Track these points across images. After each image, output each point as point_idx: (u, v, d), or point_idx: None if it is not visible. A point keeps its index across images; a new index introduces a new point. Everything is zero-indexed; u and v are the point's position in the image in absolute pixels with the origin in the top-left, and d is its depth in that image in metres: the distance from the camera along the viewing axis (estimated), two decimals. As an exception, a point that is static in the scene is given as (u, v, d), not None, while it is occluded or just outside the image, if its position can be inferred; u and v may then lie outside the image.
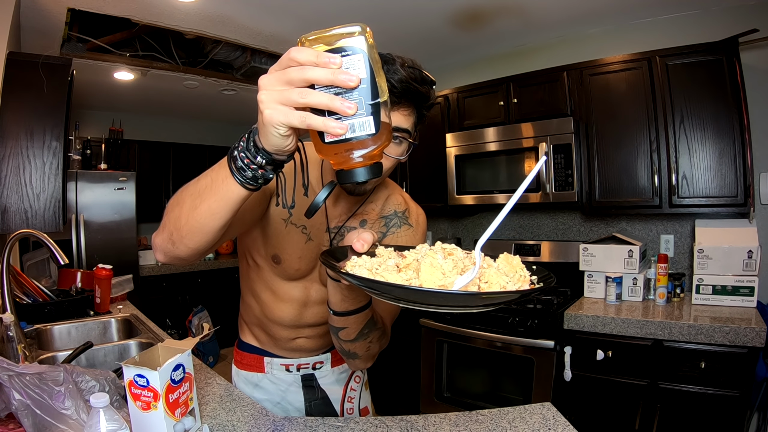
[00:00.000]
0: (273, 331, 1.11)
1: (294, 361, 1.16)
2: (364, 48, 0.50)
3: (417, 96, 0.81)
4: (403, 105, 0.81)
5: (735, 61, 1.98)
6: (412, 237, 1.05)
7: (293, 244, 0.98)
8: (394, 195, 1.07)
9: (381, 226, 1.03)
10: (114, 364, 1.46)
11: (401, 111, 0.81)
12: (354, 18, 1.01)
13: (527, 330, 2.15)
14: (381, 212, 1.03)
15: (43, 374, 0.80)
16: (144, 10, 2.32)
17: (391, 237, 1.03)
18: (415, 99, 0.81)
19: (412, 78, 0.79)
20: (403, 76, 0.78)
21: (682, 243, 2.38)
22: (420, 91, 0.80)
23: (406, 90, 0.79)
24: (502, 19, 2.53)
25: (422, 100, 0.82)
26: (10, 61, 1.99)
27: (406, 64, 0.79)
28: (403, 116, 0.81)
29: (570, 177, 2.33)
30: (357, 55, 0.49)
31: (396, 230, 1.04)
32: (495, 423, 0.95)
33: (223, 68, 3.40)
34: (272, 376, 1.16)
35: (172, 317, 4.09)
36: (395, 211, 1.05)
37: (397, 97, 0.79)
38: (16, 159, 1.99)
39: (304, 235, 0.97)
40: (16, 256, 2.54)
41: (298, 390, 1.16)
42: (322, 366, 1.18)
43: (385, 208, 1.04)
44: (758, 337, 1.68)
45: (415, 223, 1.07)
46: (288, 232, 0.97)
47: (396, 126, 0.81)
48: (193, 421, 0.87)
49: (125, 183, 3.64)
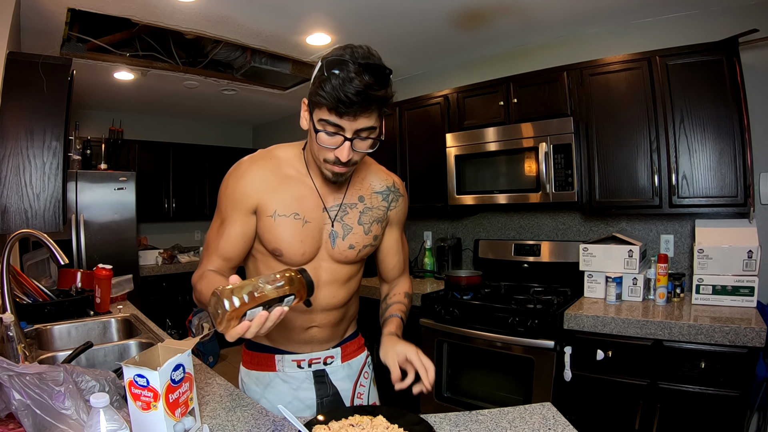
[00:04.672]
0: (286, 321, 1.12)
1: (305, 356, 1.17)
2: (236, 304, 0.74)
3: (375, 100, 0.87)
4: (365, 111, 0.87)
5: (735, 61, 1.98)
6: (405, 205, 1.21)
7: (289, 233, 1.03)
8: (375, 169, 1.18)
9: (380, 201, 1.15)
10: (114, 364, 1.46)
11: (363, 115, 0.88)
12: (354, 17, 1.01)
13: (527, 330, 2.16)
14: (373, 187, 1.15)
15: (43, 374, 0.80)
16: (144, 10, 2.32)
17: (393, 211, 1.18)
18: (373, 102, 0.87)
19: (367, 86, 0.84)
20: (359, 87, 0.84)
21: (682, 243, 2.38)
22: (377, 96, 0.87)
23: (365, 99, 0.85)
24: (502, 19, 2.53)
25: (380, 102, 0.89)
26: (10, 61, 1.98)
27: (359, 67, 0.85)
28: (366, 118, 0.89)
29: (570, 177, 2.33)
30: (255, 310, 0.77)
31: (395, 204, 1.18)
32: (495, 423, 0.95)
33: (223, 68, 3.41)
34: (284, 374, 1.16)
35: (172, 317, 4.09)
36: (386, 186, 1.17)
37: (359, 106, 0.86)
38: (16, 159, 1.99)
39: (298, 221, 1.04)
40: (16, 256, 2.54)
41: (310, 387, 1.17)
42: (333, 361, 1.20)
43: (375, 183, 1.16)
44: (758, 337, 1.68)
45: (403, 191, 1.21)
46: (279, 224, 1.03)
47: (361, 127, 0.90)
48: (193, 421, 0.87)
49: (125, 183, 3.64)
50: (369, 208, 1.12)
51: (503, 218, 3.06)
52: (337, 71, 0.85)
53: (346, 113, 0.86)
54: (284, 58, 3.16)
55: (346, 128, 0.89)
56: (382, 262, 1.24)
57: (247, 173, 1.04)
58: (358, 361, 1.26)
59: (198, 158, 4.64)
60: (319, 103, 0.88)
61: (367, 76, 0.84)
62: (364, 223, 1.10)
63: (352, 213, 1.09)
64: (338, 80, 0.84)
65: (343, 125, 0.88)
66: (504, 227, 3.05)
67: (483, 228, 3.16)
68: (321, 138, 0.91)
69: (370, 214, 1.11)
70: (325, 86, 0.85)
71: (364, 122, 0.89)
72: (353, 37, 2.75)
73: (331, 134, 0.90)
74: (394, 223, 1.19)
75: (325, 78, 0.86)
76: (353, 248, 1.09)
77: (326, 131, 0.90)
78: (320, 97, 0.87)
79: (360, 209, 1.10)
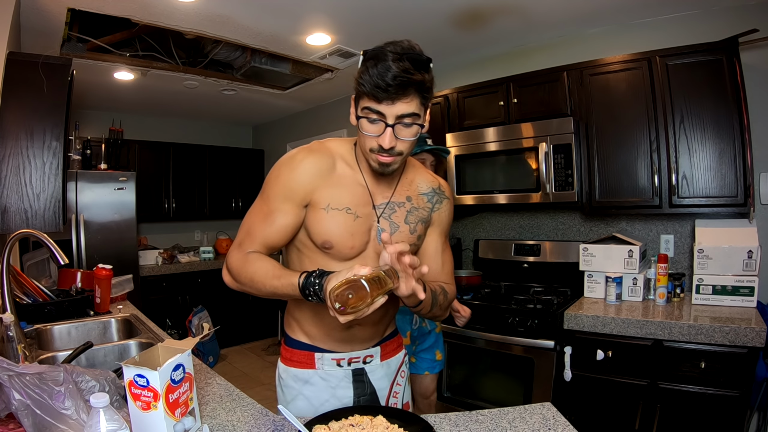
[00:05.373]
0: (328, 319, 1.10)
1: (345, 355, 1.16)
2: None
3: (412, 84, 0.89)
4: (402, 95, 0.90)
5: (735, 61, 1.98)
6: (449, 208, 1.20)
7: (340, 226, 1.04)
8: (421, 171, 1.19)
9: (425, 202, 1.15)
10: (114, 364, 1.46)
11: (403, 100, 0.90)
12: (354, 17, 1.00)
13: (527, 330, 2.16)
14: (419, 189, 1.16)
15: (43, 374, 0.80)
16: (144, 10, 2.32)
17: (437, 213, 1.17)
18: (411, 86, 0.90)
19: (404, 70, 0.87)
20: (395, 71, 0.87)
21: (682, 243, 2.38)
22: (413, 80, 0.89)
23: (402, 83, 0.88)
24: (503, 19, 2.53)
25: (418, 86, 0.91)
26: (10, 61, 1.98)
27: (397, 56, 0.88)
28: (405, 104, 0.91)
29: (570, 177, 2.33)
30: None
31: (439, 206, 1.17)
32: (495, 423, 0.95)
33: (223, 68, 3.40)
34: (323, 372, 1.16)
35: (172, 317, 4.09)
36: (432, 188, 1.17)
37: (395, 90, 0.88)
38: (16, 159, 1.99)
39: (350, 215, 1.04)
40: (16, 256, 2.54)
41: (348, 385, 1.17)
42: (372, 360, 1.19)
43: (421, 185, 1.16)
44: (758, 337, 1.68)
45: (449, 194, 1.20)
46: (332, 217, 1.04)
47: (401, 113, 0.91)
48: (193, 421, 0.87)
49: (125, 183, 3.64)
50: (415, 208, 1.13)
51: (503, 218, 3.05)
52: (376, 61, 0.89)
53: (385, 98, 0.89)
54: (284, 58, 3.16)
55: (386, 114, 0.91)
56: None
57: (303, 164, 1.04)
58: (396, 360, 1.26)
59: (198, 158, 4.64)
60: (360, 92, 0.92)
61: (405, 62, 0.87)
62: (410, 223, 1.11)
63: (400, 212, 1.10)
64: (376, 68, 0.88)
65: (383, 111, 0.91)
66: (504, 227, 3.05)
67: (483, 228, 3.15)
68: (363, 125, 0.95)
69: (416, 214, 1.12)
70: (363, 75, 0.90)
71: (404, 107, 0.91)
72: (353, 37, 2.75)
73: (373, 121, 0.93)
74: (436, 224, 1.18)
75: (365, 68, 0.90)
76: None
77: (368, 118, 0.93)
78: (360, 86, 0.91)
79: (407, 209, 1.11)
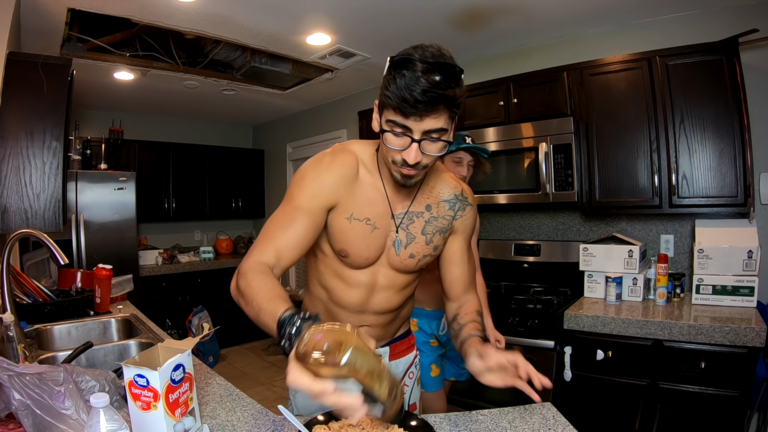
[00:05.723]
0: (338, 317, 1.12)
1: None
2: (354, 365, 0.65)
3: (443, 100, 0.83)
4: (431, 111, 0.84)
5: (735, 61, 1.98)
6: (473, 214, 1.16)
7: (359, 237, 1.02)
8: (445, 176, 1.14)
9: (447, 210, 1.11)
10: (114, 364, 1.46)
11: (430, 115, 0.84)
12: (354, 17, 0.99)
13: (527, 330, 2.15)
14: (440, 196, 1.11)
15: (43, 374, 0.80)
16: (144, 10, 2.32)
17: (459, 221, 1.13)
18: (441, 102, 0.84)
19: (434, 84, 0.81)
20: (425, 86, 0.80)
21: (682, 243, 2.38)
22: (445, 95, 0.83)
23: (432, 99, 0.82)
24: (503, 18, 2.53)
25: (448, 102, 0.85)
26: (10, 61, 1.98)
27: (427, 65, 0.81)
28: (433, 119, 0.85)
29: (570, 177, 2.33)
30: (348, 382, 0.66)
31: (462, 213, 1.13)
32: (495, 423, 0.95)
33: (223, 68, 3.40)
34: None
35: (172, 317, 4.09)
36: (454, 195, 1.12)
37: (424, 106, 0.82)
38: (16, 159, 1.99)
39: (369, 226, 1.03)
40: (16, 256, 2.54)
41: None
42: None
43: (443, 191, 1.11)
44: (758, 337, 1.68)
45: (472, 200, 1.16)
46: (353, 228, 1.02)
47: (429, 129, 0.86)
48: (193, 421, 0.87)
49: (125, 183, 3.64)
50: (435, 217, 1.09)
51: (503, 218, 3.05)
52: (404, 70, 0.82)
53: (412, 113, 0.83)
54: (284, 58, 3.16)
55: (413, 129, 0.86)
56: (445, 273, 1.18)
57: (330, 169, 1.00)
58: (405, 361, 1.26)
59: (198, 158, 4.64)
60: (387, 103, 0.86)
61: (435, 75, 0.81)
62: (426, 233, 1.08)
63: (418, 222, 1.07)
64: (404, 80, 0.82)
65: (410, 126, 0.86)
66: (504, 227, 3.05)
67: (483, 228, 3.15)
68: (388, 139, 0.90)
69: (435, 224, 1.09)
70: (390, 86, 0.84)
71: (432, 123, 0.85)
72: (353, 37, 2.75)
73: (398, 135, 0.88)
74: (460, 232, 1.14)
75: (391, 77, 0.84)
76: (413, 257, 1.08)
77: (393, 132, 0.88)
78: (386, 97, 0.85)
79: (426, 218, 1.08)
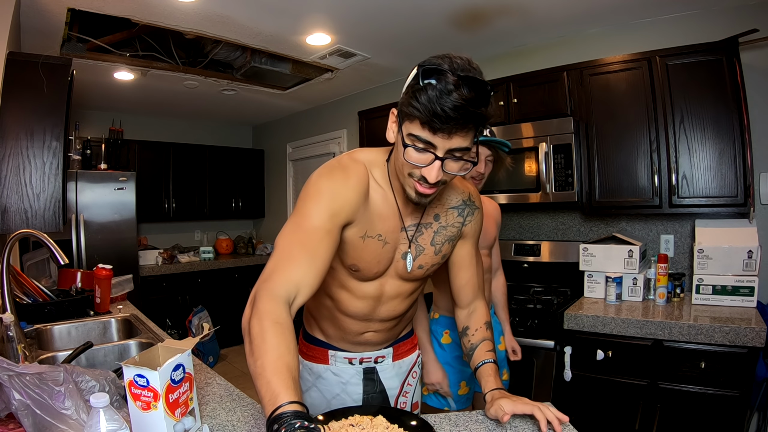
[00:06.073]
0: (344, 325, 1.12)
1: (357, 354, 1.18)
2: None
3: (474, 118, 0.78)
4: (461, 128, 0.79)
5: (735, 61, 1.98)
6: (480, 218, 1.14)
7: (370, 253, 1.00)
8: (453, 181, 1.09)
9: (456, 217, 1.08)
10: (114, 364, 1.46)
11: (459, 133, 0.79)
12: (354, 17, 0.99)
13: (527, 330, 2.15)
14: (449, 203, 1.08)
15: (43, 374, 0.80)
16: (144, 10, 2.32)
17: (468, 226, 1.11)
18: (472, 120, 0.79)
19: (467, 100, 0.75)
20: (457, 101, 0.75)
21: (682, 243, 2.38)
22: (477, 113, 0.77)
23: (463, 116, 0.76)
24: (502, 19, 2.53)
25: (478, 121, 0.80)
26: (10, 61, 1.98)
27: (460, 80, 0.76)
28: (461, 137, 0.80)
29: (570, 177, 2.33)
30: None
31: (470, 218, 1.11)
32: (495, 423, 0.95)
33: (223, 68, 3.40)
34: (335, 368, 1.18)
35: (172, 317, 4.09)
36: (462, 200, 1.10)
37: (455, 123, 0.77)
38: (16, 159, 1.99)
39: (380, 242, 1.00)
40: (16, 256, 2.53)
41: (358, 383, 1.19)
42: (384, 360, 1.21)
43: (451, 197, 1.08)
44: (758, 337, 1.68)
45: (479, 203, 1.14)
46: (366, 246, 0.99)
47: (455, 147, 0.81)
48: (193, 421, 0.87)
49: (125, 183, 3.64)
50: (443, 227, 1.07)
51: (503, 218, 3.04)
52: (434, 81, 0.76)
53: (441, 129, 0.78)
54: (284, 58, 3.16)
55: (438, 146, 0.80)
56: (454, 277, 1.16)
57: (347, 185, 0.92)
58: (408, 361, 1.27)
59: (198, 158, 4.64)
60: (411, 115, 0.80)
61: (467, 90, 0.75)
62: (436, 244, 1.06)
63: (427, 233, 1.05)
64: (435, 91, 0.75)
65: (436, 143, 0.80)
66: (504, 227, 3.05)
67: (483, 228, 3.15)
68: (409, 154, 0.83)
69: (444, 233, 1.07)
70: (420, 97, 0.77)
71: (459, 141, 0.80)
72: (353, 37, 2.75)
73: (420, 150, 0.82)
74: (469, 237, 1.12)
75: (420, 88, 0.77)
76: (422, 268, 1.07)
77: (415, 146, 0.82)
78: (413, 109, 0.78)
79: (435, 229, 1.06)
